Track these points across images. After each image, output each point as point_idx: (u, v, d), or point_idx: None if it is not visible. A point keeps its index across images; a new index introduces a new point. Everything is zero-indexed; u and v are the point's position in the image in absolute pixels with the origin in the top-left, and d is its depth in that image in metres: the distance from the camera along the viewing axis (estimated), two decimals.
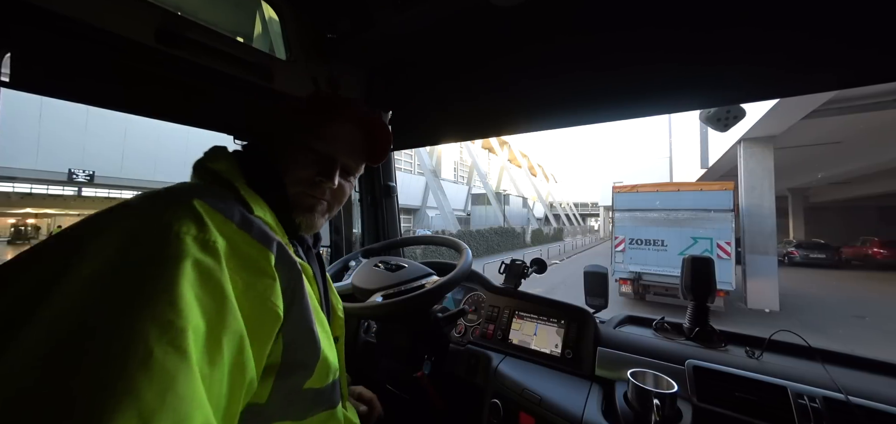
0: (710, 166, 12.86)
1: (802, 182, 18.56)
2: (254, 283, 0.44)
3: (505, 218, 26.05)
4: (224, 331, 0.38)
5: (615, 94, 0.98)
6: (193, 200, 0.43)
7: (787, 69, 0.78)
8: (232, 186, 0.53)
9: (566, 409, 0.92)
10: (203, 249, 0.39)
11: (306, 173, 0.62)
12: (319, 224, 0.67)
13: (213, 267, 0.39)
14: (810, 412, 0.74)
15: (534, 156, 50.83)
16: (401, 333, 1.16)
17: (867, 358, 0.94)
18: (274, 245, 0.49)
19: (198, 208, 0.43)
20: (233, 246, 0.43)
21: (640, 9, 0.79)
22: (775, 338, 1.02)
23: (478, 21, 0.91)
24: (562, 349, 1.13)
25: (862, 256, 16.47)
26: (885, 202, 21.16)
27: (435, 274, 1.20)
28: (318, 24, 1.04)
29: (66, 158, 12.53)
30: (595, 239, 41.58)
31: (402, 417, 1.22)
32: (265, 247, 0.47)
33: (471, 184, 34.97)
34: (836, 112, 7.25)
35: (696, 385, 0.85)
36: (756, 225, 8.65)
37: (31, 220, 25.89)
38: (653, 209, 8.47)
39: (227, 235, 0.44)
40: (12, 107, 10.72)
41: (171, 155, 14.27)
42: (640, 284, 8.37)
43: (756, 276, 8.46)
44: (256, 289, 0.44)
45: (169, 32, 0.79)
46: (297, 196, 0.62)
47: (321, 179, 0.63)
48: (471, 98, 1.21)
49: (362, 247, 1.48)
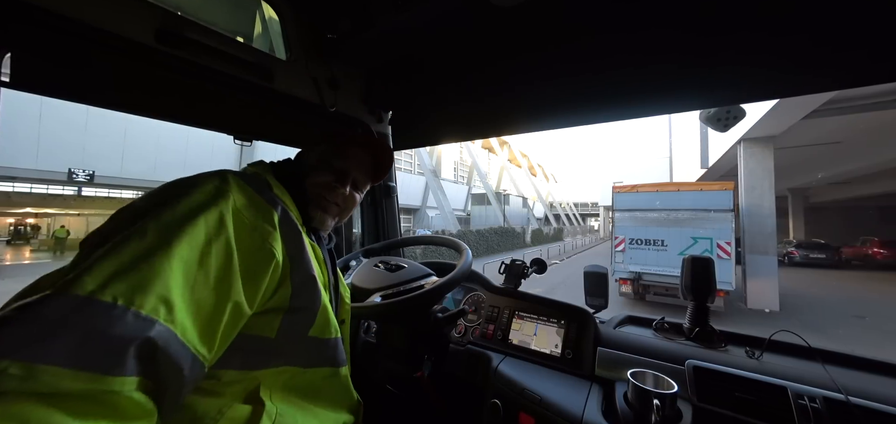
0: (710, 166, 12.86)
1: (802, 182, 18.56)
2: (258, 225, 0.58)
3: (505, 218, 26.04)
4: (215, 243, 0.51)
5: (615, 95, 0.98)
6: (226, 171, 0.61)
7: (787, 70, 0.78)
8: (263, 178, 0.69)
9: (566, 409, 0.92)
10: (217, 194, 0.55)
11: (324, 179, 0.79)
12: (329, 224, 0.82)
13: (221, 205, 0.54)
14: (810, 412, 0.74)
15: (534, 156, 50.85)
16: (401, 333, 1.16)
17: (867, 359, 0.94)
18: (279, 207, 0.63)
19: (226, 174, 0.60)
20: (247, 198, 0.59)
21: (641, 10, 0.79)
22: (775, 338, 1.02)
23: (478, 21, 0.91)
24: (562, 349, 1.13)
25: (862, 256, 16.47)
26: (885, 202, 21.14)
27: (435, 275, 1.20)
28: (318, 25, 1.04)
29: (66, 158, 12.52)
30: (595, 239, 41.57)
31: (402, 417, 1.22)
32: (271, 206, 0.62)
33: (471, 183, 34.97)
34: (836, 112, 7.25)
35: (696, 385, 0.85)
36: (756, 225, 8.65)
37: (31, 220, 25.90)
38: (653, 209, 8.47)
39: (244, 192, 0.59)
40: (12, 107, 10.71)
41: (171, 155, 14.27)
42: (640, 284, 8.37)
43: (756, 276, 8.46)
44: (259, 231, 0.58)
45: (169, 32, 0.79)
46: (315, 195, 0.78)
47: (337, 184, 0.80)
48: (471, 98, 1.21)
49: (362, 247, 1.48)
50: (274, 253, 0.58)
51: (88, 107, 0.91)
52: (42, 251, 19.34)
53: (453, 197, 28.11)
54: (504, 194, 30.57)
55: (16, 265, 14.37)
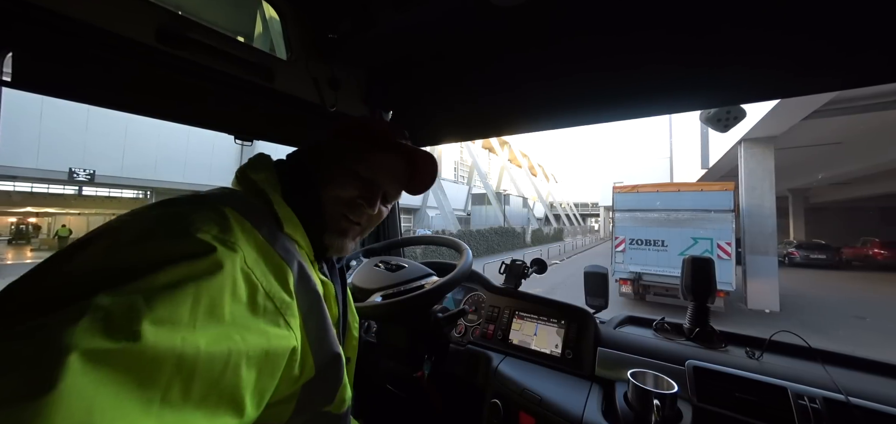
0: (710, 166, 12.86)
1: (803, 182, 18.55)
2: (272, 292, 0.43)
3: (505, 218, 26.04)
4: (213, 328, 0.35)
5: (616, 95, 0.98)
6: (226, 207, 0.44)
7: (788, 70, 0.78)
8: (267, 199, 0.53)
9: (566, 409, 0.92)
10: (222, 245, 0.40)
11: (347, 194, 0.61)
12: (349, 249, 0.66)
13: (226, 268, 0.38)
14: (810, 412, 0.74)
15: (534, 156, 50.84)
16: (401, 333, 1.16)
17: (867, 359, 0.94)
18: (295, 264, 0.48)
19: (227, 214, 0.44)
20: (257, 250, 0.44)
21: (641, 10, 0.79)
22: (775, 339, 1.02)
23: (479, 21, 0.91)
24: (562, 349, 1.13)
25: (862, 257, 16.46)
26: (885, 203, 21.12)
27: (435, 275, 1.20)
28: (318, 24, 1.04)
29: (66, 157, 12.53)
30: (595, 240, 41.57)
31: (402, 417, 1.22)
32: (286, 262, 0.47)
33: (471, 184, 34.96)
34: (837, 112, 7.24)
35: (696, 385, 0.85)
36: (756, 226, 8.64)
37: (33, 219, 25.93)
38: (653, 209, 8.47)
39: (254, 242, 0.44)
40: (13, 107, 10.72)
41: (172, 154, 14.27)
42: (640, 284, 8.37)
43: (756, 277, 8.46)
44: (273, 301, 0.43)
45: (169, 32, 0.79)
46: (332, 216, 0.61)
47: (362, 203, 0.62)
48: (471, 98, 1.21)
49: (363, 247, 1.48)
50: (291, 336, 0.44)
51: (89, 106, 0.90)
52: (42, 250, 19.37)
53: (453, 197, 28.09)
54: (504, 194, 30.55)
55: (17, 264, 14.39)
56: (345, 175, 0.62)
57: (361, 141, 0.65)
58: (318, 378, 0.50)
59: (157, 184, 14.48)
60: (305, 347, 0.48)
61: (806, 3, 0.67)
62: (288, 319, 0.43)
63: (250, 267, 0.41)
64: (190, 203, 0.45)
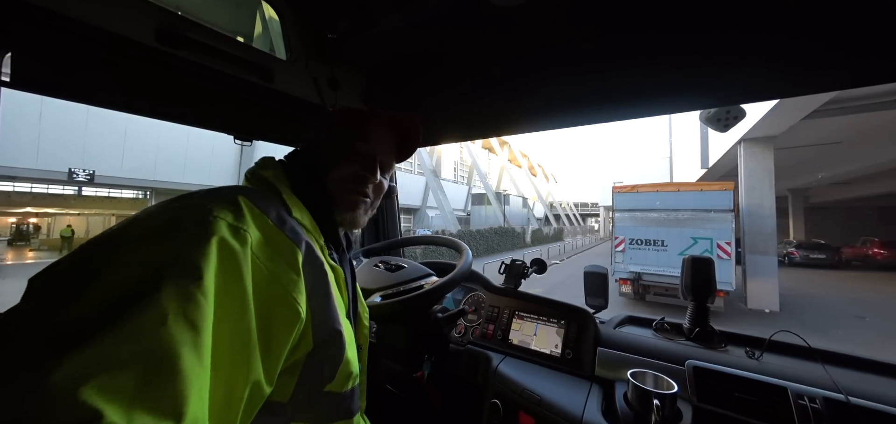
0: (710, 166, 12.86)
1: (803, 182, 18.56)
2: (279, 276, 0.47)
3: (505, 219, 26.03)
4: (231, 305, 0.40)
5: (616, 95, 0.98)
6: (238, 196, 0.49)
7: (787, 70, 0.78)
8: (277, 191, 0.58)
9: (566, 409, 0.92)
10: (234, 235, 0.43)
11: (350, 171, 0.67)
12: (363, 221, 0.71)
13: (238, 251, 0.42)
14: (810, 412, 0.74)
15: (534, 156, 50.82)
16: (400, 333, 1.16)
17: (867, 359, 0.94)
18: (303, 244, 0.52)
19: (240, 202, 0.47)
20: (266, 238, 0.47)
21: (641, 10, 0.79)
22: (775, 339, 1.02)
23: (479, 21, 0.91)
24: (562, 349, 1.13)
25: (862, 257, 16.46)
26: (885, 202, 21.13)
27: (435, 275, 1.20)
28: (318, 24, 1.04)
29: (66, 158, 12.51)
30: (595, 240, 41.55)
31: (402, 417, 1.22)
32: (295, 243, 0.50)
33: (471, 184, 34.96)
34: (837, 112, 7.25)
35: (696, 385, 0.85)
36: (756, 226, 8.64)
37: (33, 220, 25.92)
38: (653, 209, 8.47)
39: (262, 228, 0.48)
40: (12, 107, 10.71)
41: (171, 155, 14.27)
42: (640, 284, 8.37)
43: (756, 276, 8.46)
44: (281, 282, 0.46)
45: (169, 32, 0.79)
46: (339, 194, 0.66)
47: (365, 174, 0.68)
48: (471, 98, 1.21)
49: (363, 247, 1.48)
50: (298, 310, 0.47)
51: (89, 106, 0.90)
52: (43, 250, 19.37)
53: (453, 197, 28.11)
54: (504, 194, 30.55)
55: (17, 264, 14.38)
56: (346, 156, 0.68)
57: (355, 122, 0.72)
58: (316, 351, 0.51)
59: (156, 185, 14.48)
60: (308, 320, 0.50)
61: (806, 4, 0.67)
62: (295, 297, 0.47)
63: (257, 252, 0.45)
64: (207, 195, 0.49)
